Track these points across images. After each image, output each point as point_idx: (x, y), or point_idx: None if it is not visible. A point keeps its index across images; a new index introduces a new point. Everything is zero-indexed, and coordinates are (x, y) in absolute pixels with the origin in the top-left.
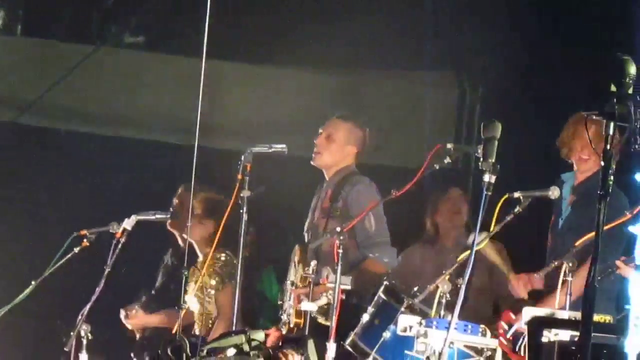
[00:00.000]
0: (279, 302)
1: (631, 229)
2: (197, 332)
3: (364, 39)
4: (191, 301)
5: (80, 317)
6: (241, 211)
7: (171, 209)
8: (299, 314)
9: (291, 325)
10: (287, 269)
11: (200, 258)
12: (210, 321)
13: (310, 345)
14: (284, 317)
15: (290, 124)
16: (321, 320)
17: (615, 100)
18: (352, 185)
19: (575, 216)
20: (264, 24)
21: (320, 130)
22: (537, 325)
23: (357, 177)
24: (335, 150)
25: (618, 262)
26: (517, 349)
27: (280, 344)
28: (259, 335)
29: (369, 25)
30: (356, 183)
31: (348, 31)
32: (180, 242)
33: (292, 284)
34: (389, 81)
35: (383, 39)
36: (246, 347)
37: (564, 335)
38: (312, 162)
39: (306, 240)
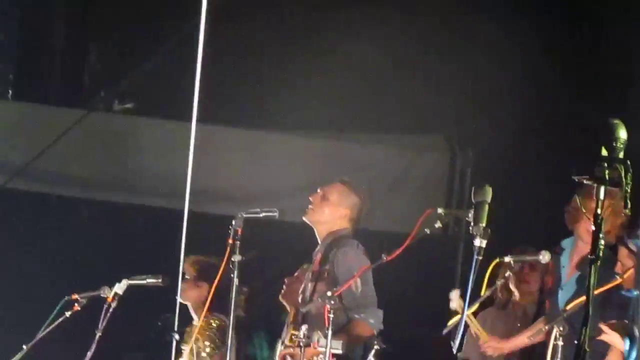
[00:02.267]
0: None
1: (625, 294)
2: None
3: (354, 102)
4: None
5: None
6: (232, 275)
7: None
8: None
9: None
10: (278, 333)
11: (195, 321)
12: None
13: None
14: None
15: (281, 188)
16: None
17: (605, 164)
18: (339, 248)
19: (582, 291)
20: (253, 89)
21: (319, 190)
22: None
23: (346, 240)
24: (328, 211)
25: (603, 326)
26: None
27: None
28: None
29: (359, 89)
30: (343, 245)
31: (339, 95)
32: (193, 314)
33: (282, 343)
34: (378, 145)
35: (373, 102)
36: None
37: None
38: (303, 217)
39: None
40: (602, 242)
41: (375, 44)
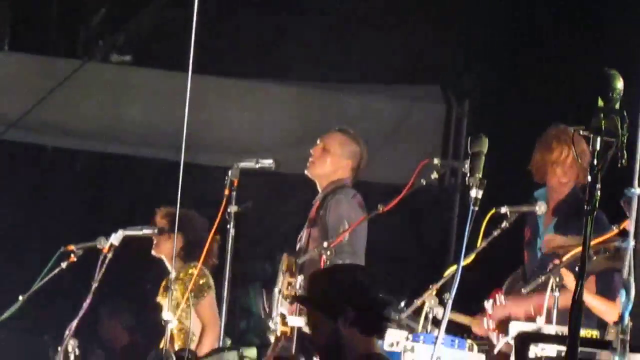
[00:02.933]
0: (267, 310)
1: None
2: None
3: (351, 54)
4: (167, 318)
5: (67, 332)
6: (228, 227)
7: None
8: (285, 322)
9: (278, 334)
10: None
11: (172, 274)
12: (193, 337)
13: None
14: (272, 325)
15: (277, 139)
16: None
17: (602, 114)
18: (333, 196)
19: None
20: (250, 39)
21: (318, 142)
22: (524, 340)
23: (342, 188)
24: (330, 162)
25: (563, 270)
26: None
27: None
28: (252, 353)
29: (355, 40)
30: (338, 193)
31: (335, 46)
32: (168, 266)
33: (280, 292)
34: (374, 96)
35: (369, 53)
36: None
37: (551, 350)
38: (305, 172)
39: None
40: (599, 193)
41: None
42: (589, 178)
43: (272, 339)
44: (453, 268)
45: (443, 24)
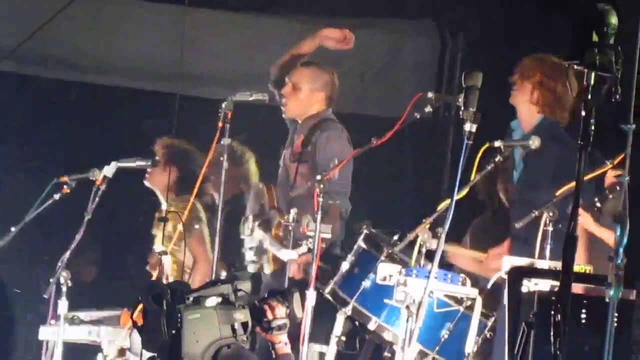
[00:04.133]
0: (242, 237)
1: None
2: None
3: None
4: (159, 249)
5: (59, 264)
6: (221, 159)
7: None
8: (275, 259)
9: (257, 267)
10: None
11: (164, 206)
12: (187, 270)
13: (296, 297)
14: (247, 256)
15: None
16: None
17: (596, 49)
18: (322, 131)
19: (530, 169)
20: None
21: (286, 80)
22: (517, 275)
23: (330, 123)
24: (303, 98)
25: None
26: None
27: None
28: (246, 286)
29: None
30: (326, 129)
31: None
32: (160, 198)
33: (262, 226)
34: (368, 30)
35: None
36: (232, 297)
37: (544, 285)
38: (283, 115)
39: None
40: (593, 127)
41: None
42: (583, 113)
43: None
44: (447, 202)
45: None
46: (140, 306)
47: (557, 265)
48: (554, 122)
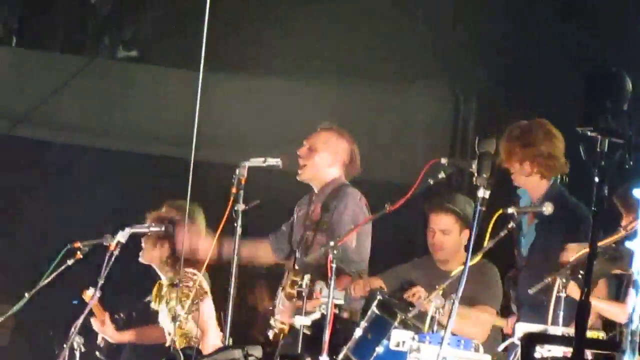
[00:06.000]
0: (270, 308)
1: (628, 244)
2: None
3: (357, 51)
4: (164, 321)
5: (73, 329)
6: (235, 225)
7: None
8: (284, 320)
9: (276, 331)
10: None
11: (163, 280)
12: (194, 340)
13: None
14: (272, 322)
15: (285, 136)
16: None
17: (610, 116)
18: (340, 198)
19: (540, 238)
20: (257, 35)
21: (304, 143)
22: (530, 341)
23: (347, 189)
24: (318, 161)
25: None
26: None
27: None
28: (257, 351)
29: (362, 37)
30: (344, 196)
31: (342, 42)
32: (159, 273)
33: (282, 289)
34: (382, 94)
35: (376, 50)
36: None
37: (557, 351)
38: (297, 177)
39: (296, 252)
40: (605, 193)
41: None
42: (596, 179)
43: (270, 335)
44: (460, 268)
45: (451, 22)
46: None
47: (570, 331)
48: (561, 190)
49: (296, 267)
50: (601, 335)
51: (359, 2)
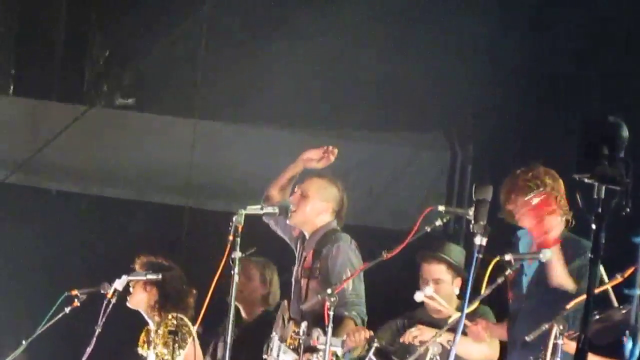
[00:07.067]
0: (264, 357)
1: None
2: None
3: (354, 100)
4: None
5: None
6: (232, 272)
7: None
8: None
9: None
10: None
11: (151, 325)
12: None
13: None
14: None
15: None
16: None
17: (606, 162)
18: (332, 243)
19: (542, 278)
20: (250, 83)
21: (296, 189)
22: None
23: (338, 234)
24: (310, 207)
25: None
26: None
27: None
28: None
29: (358, 85)
30: (336, 241)
31: (338, 92)
32: (147, 318)
33: (281, 339)
34: (378, 141)
35: (372, 98)
36: None
37: None
38: (288, 221)
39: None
40: (603, 240)
41: (372, 40)
42: (593, 226)
43: None
44: (457, 315)
45: (446, 69)
46: None
47: None
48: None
49: (292, 317)
50: None
51: (352, 53)
